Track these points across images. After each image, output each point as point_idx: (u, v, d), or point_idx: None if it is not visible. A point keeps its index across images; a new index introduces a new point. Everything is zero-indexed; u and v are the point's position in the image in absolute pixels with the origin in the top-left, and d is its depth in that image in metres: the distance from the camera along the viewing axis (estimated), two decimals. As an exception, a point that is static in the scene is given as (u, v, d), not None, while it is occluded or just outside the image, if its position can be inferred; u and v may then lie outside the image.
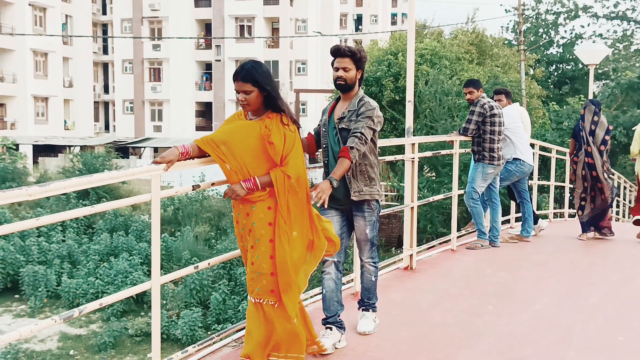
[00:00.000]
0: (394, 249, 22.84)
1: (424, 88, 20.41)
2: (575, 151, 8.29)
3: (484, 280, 6.08)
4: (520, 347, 4.25)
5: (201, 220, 22.44)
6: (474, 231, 7.63)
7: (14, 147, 33.09)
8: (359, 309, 4.41)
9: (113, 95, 49.86)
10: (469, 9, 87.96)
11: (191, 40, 44.53)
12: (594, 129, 8.08)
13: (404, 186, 6.49)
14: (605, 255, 7.72)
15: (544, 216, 10.72)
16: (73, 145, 39.49)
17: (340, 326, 4.10)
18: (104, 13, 51.90)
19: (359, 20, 63.64)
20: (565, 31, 36.36)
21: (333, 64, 4.00)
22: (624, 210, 15.84)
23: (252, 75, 3.40)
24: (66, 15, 46.29)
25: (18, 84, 41.26)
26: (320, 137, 4.14)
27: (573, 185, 8.49)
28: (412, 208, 6.19)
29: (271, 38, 44.89)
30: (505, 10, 34.52)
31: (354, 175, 3.99)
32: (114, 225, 22.97)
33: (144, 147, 42.44)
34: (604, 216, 8.44)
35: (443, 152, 7.67)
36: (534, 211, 8.31)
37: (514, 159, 7.60)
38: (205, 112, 46.22)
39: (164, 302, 16.86)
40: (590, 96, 13.04)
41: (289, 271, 3.41)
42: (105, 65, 52.28)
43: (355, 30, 61.73)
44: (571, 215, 12.44)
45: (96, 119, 51.18)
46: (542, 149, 11.26)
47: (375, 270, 4.27)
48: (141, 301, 17.70)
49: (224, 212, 22.88)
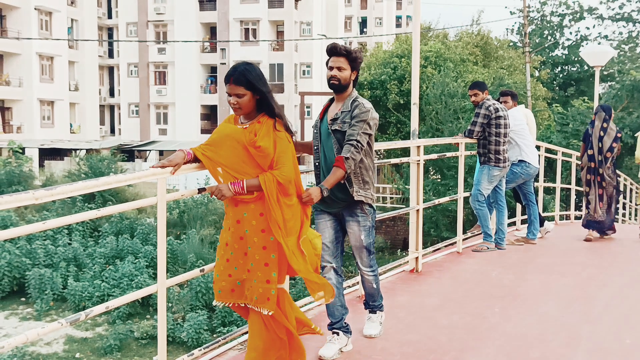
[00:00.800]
0: (399, 251, 22.82)
1: (430, 90, 20.40)
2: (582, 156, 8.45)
3: (490, 282, 6.06)
4: (528, 350, 4.23)
5: (207, 223, 22.46)
6: (480, 234, 7.61)
7: (20, 151, 33.25)
8: (365, 308, 4.42)
9: (119, 98, 50.01)
10: (474, 11, 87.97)
11: (196, 43, 44.64)
12: (602, 136, 8.20)
13: (409, 189, 6.48)
14: (612, 257, 7.69)
15: (550, 218, 10.69)
16: (79, 149, 39.61)
17: (347, 330, 4.09)
18: (110, 17, 52.11)
19: (363, 23, 63.72)
20: (570, 33, 36.22)
21: (328, 63, 3.91)
22: (630, 212, 15.78)
23: (245, 77, 3.30)
24: (72, 19, 46.49)
25: (24, 88, 41.46)
26: None
27: (585, 191, 8.59)
28: (418, 210, 6.18)
29: (276, 41, 44.95)
30: (510, 12, 34.65)
31: (348, 178, 3.84)
32: (120, 228, 23.03)
33: (150, 150, 42.53)
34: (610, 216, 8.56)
35: (449, 155, 7.66)
36: (539, 213, 8.29)
37: (520, 161, 7.58)
38: (210, 115, 46.30)
39: (170, 305, 16.88)
40: (596, 98, 13.02)
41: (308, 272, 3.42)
42: (110, 69, 52.46)
43: (360, 33, 61.78)
44: (577, 217, 12.40)
45: (102, 123, 51.35)
46: (548, 151, 11.23)
47: (374, 279, 4.18)
48: (147, 304, 17.73)
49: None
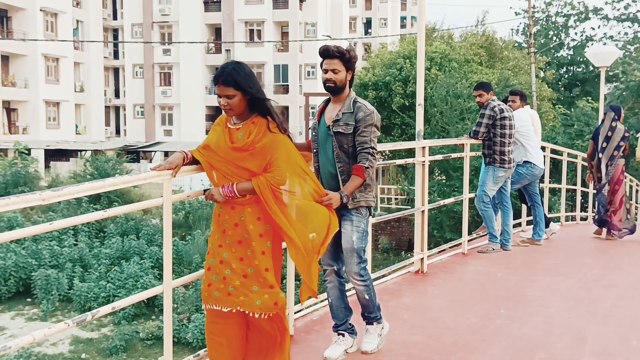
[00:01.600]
0: (404, 252, 22.80)
1: (435, 92, 20.38)
2: (593, 154, 8.63)
3: (496, 284, 6.05)
4: (533, 351, 4.22)
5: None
6: (485, 235, 7.60)
7: (26, 152, 33.36)
8: (363, 320, 4.16)
9: (124, 99, 50.14)
10: (479, 12, 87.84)
11: (201, 44, 44.71)
12: (610, 135, 8.37)
13: (414, 189, 6.47)
14: (618, 258, 7.67)
15: (556, 219, 10.66)
16: (84, 150, 39.72)
17: (352, 332, 4.07)
18: (115, 18, 52.25)
19: (368, 24, 63.68)
20: (575, 33, 36.14)
21: (322, 66, 3.79)
22: (637, 212, 15.72)
23: (234, 78, 3.17)
24: (77, 21, 46.63)
25: (30, 89, 41.60)
26: None
27: (595, 188, 8.80)
28: (423, 212, 6.18)
29: (281, 42, 44.99)
30: (515, 12, 34.56)
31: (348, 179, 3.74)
32: (125, 229, 23.08)
33: (155, 151, 42.61)
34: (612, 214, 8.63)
35: (454, 156, 7.65)
36: (545, 214, 8.28)
37: (525, 162, 7.57)
38: (215, 116, 46.15)
39: (175, 306, 16.90)
40: (601, 98, 13.00)
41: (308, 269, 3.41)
42: (116, 70, 52.59)
43: (365, 34, 61.75)
44: (583, 218, 12.37)
45: (107, 124, 51.48)
46: (553, 151, 11.20)
47: (366, 289, 3.93)
48: (152, 305, 17.76)
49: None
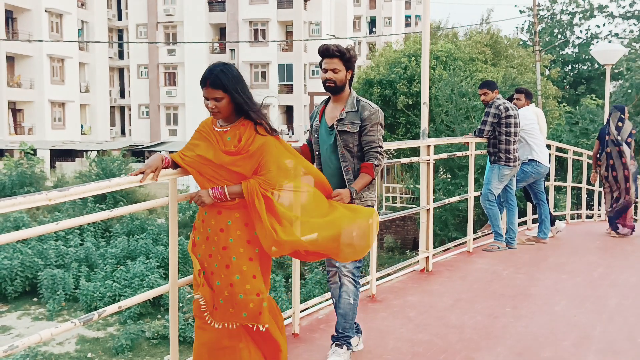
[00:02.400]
0: (409, 251, 22.79)
1: (440, 91, 20.34)
2: (599, 154, 8.74)
3: (501, 282, 6.04)
4: (539, 350, 4.21)
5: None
6: (490, 233, 7.60)
7: (32, 152, 33.44)
8: (332, 344, 3.89)
9: (129, 99, 50.26)
10: (483, 10, 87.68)
11: (206, 44, 44.78)
12: (617, 134, 8.49)
13: (419, 188, 6.47)
14: (624, 256, 7.65)
15: (561, 217, 10.64)
16: (90, 150, 39.85)
17: (357, 330, 4.08)
18: (120, 18, 52.36)
19: (372, 23, 63.62)
20: (580, 31, 36.01)
21: (321, 65, 3.74)
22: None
23: (222, 80, 3.11)
24: (82, 21, 46.77)
25: (35, 90, 41.74)
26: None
27: (602, 187, 9.00)
28: (428, 210, 6.18)
29: (285, 42, 45.01)
30: (519, 11, 34.41)
31: (355, 178, 3.71)
32: (131, 228, 23.13)
33: (160, 151, 42.71)
34: (623, 214, 8.68)
35: (459, 154, 7.65)
36: (551, 212, 8.27)
37: (530, 160, 7.56)
38: (219, 116, 46.37)
39: (181, 305, 16.93)
40: (607, 96, 12.96)
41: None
42: (121, 70, 52.72)
43: (369, 33, 61.69)
44: (588, 217, 12.34)
45: (112, 124, 51.62)
46: (559, 150, 11.18)
47: (355, 291, 3.81)
48: (157, 304, 17.79)
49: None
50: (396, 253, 23.44)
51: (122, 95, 52.80)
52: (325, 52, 3.70)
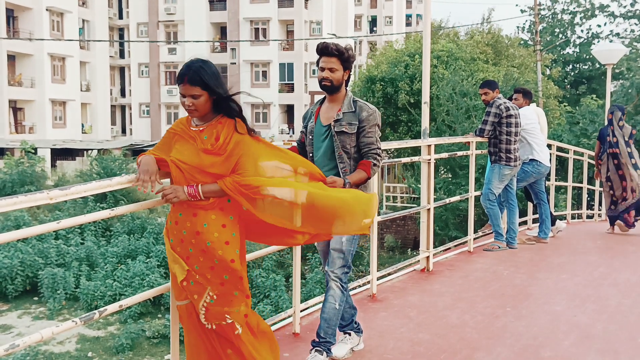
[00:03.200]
0: (409, 250, 22.79)
1: (441, 91, 20.34)
2: (600, 154, 8.86)
3: (502, 282, 6.04)
4: (539, 349, 4.22)
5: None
6: (491, 233, 7.60)
7: (33, 151, 33.45)
8: (311, 349, 3.75)
9: (130, 98, 50.28)
10: (484, 10, 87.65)
11: (207, 43, 44.78)
12: (618, 134, 8.62)
13: (420, 187, 6.47)
14: (624, 256, 7.65)
15: (562, 217, 10.64)
16: (90, 149, 39.85)
17: (358, 330, 4.08)
18: (121, 17, 52.35)
19: (373, 22, 63.57)
20: (581, 31, 36.09)
21: (318, 63, 3.68)
22: None
23: (201, 77, 2.96)
24: (83, 20, 46.76)
25: (36, 88, 41.74)
26: (304, 147, 3.84)
27: (602, 187, 9.10)
28: (429, 210, 6.18)
29: (286, 41, 44.99)
30: (521, 10, 34.40)
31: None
32: (131, 227, 23.15)
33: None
34: (631, 211, 8.87)
35: (459, 154, 7.64)
36: (551, 212, 8.27)
37: (531, 160, 7.56)
38: (220, 115, 46.37)
39: (181, 304, 16.92)
40: (608, 96, 12.95)
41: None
42: (122, 69, 52.72)
43: (370, 32, 61.66)
44: (589, 217, 12.33)
45: (113, 123, 51.61)
46: (559, 149, 11.18)
47: (341, 296, 3.71)
48: (158, 303, 17.81)
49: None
50: (397, 252, 23.44)
51: (123, 94, 52.80)
52: (324, 50, 3.65)
